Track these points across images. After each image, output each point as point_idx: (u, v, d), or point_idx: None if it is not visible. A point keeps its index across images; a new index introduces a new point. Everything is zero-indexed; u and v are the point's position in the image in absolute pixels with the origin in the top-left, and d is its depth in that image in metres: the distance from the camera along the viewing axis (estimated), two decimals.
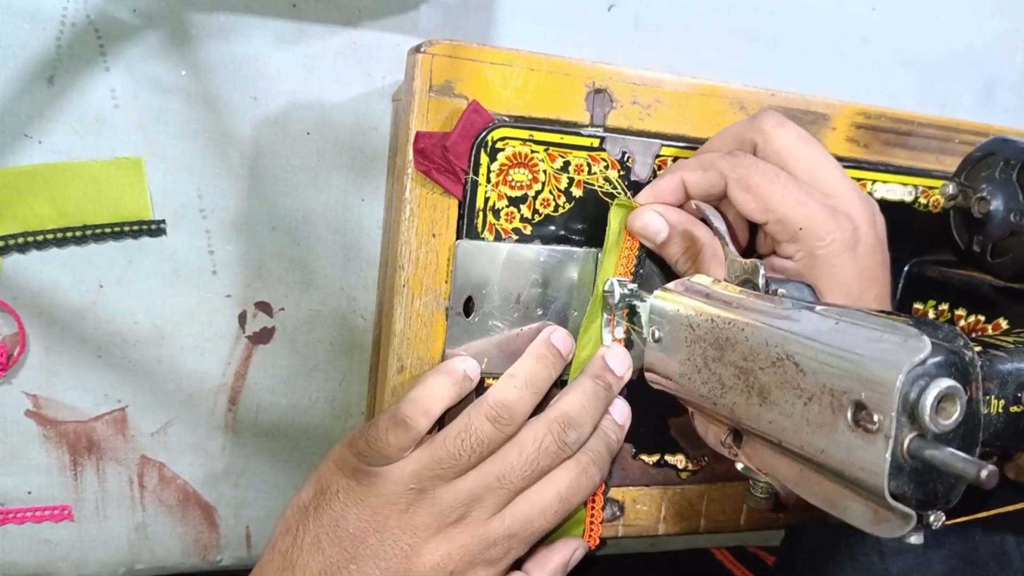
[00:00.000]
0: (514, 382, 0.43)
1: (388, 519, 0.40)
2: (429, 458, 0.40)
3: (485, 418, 0.41)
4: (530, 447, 0.41)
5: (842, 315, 0.34)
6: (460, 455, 0.40)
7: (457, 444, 0.40)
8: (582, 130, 0.45)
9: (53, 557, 0.48)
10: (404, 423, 0.40)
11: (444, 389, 0.42)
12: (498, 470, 0.41)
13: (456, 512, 0.40)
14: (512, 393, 0.42)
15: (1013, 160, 0.46)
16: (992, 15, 0.66)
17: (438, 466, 0.40)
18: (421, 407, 0.41)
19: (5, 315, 0.45)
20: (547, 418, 0.42)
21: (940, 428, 0.29)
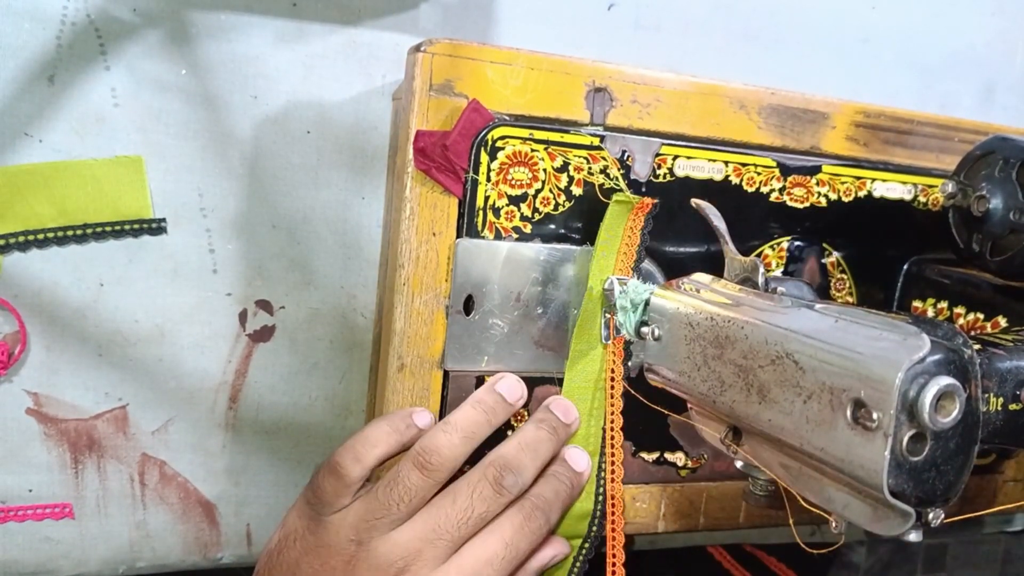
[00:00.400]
0: (445, 427, 0.42)
1: (335, 570, 0.39)
2: (365, 508, 0.40)
3: (412, 465, 0.40)
4: (463, 494, 0.40)
5: (841, 313, 0.34)
6: (390, 505, 0.39)
7: (387, 493, 0.40)
8: (582, 129, 0.45)
9: (54, 555, 0.49)
10: (335, 470, 0.40)
11: (383, 437, 0.41)
12: (432, 520, 0.40)
13: (395, 566, 0.39)
14: (441, 438, 0.41)
15: (1012, 159, 0.46)
16: (992, 14, 0.66)
17: (372, 516, 0.39)
18: (353, 453, 0.40)
19: (6, 313, 0.45)
20: (482, 464, 0.41)
21: (939, 426, 0.29)
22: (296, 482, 0.52)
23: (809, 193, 0.50)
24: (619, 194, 0.45)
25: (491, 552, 0.40)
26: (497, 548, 0.40)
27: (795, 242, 0.51)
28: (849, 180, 0.51)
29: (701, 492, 0.51)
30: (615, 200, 0.46)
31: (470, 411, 0.43)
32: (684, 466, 0.51)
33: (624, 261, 0.46)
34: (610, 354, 0.46)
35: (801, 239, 0.51)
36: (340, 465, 0.40)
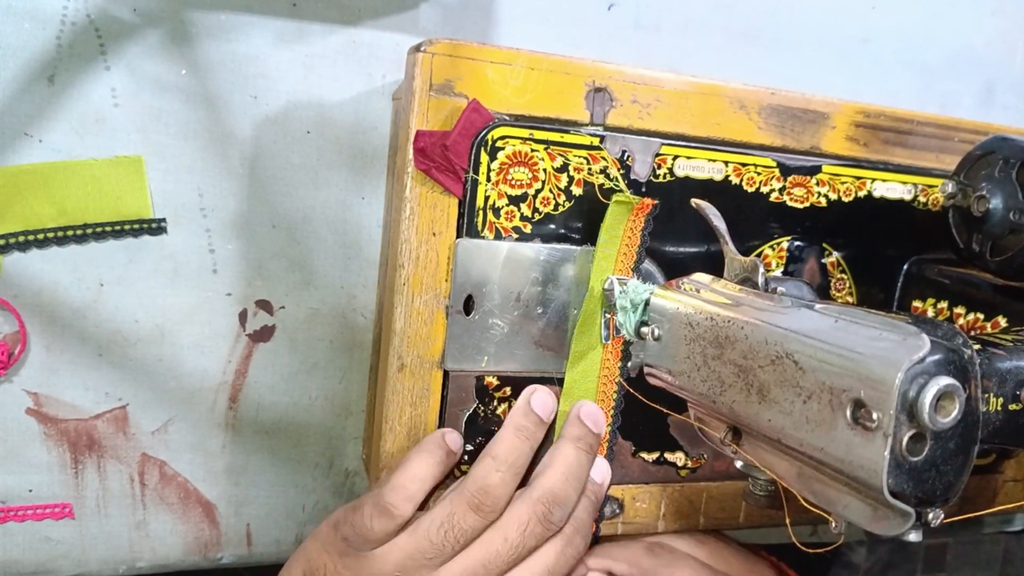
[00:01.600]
0: (495, 464, 0.41)
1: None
2: (414, 548, 0.40)
3: (468, 508, 0.40)
4: (514, 533, 0.41)
5: (841, 313, 0.34)
6: (444, 546, 0.40)
7: (440, 536, 0.40)
8: (582, 129, 0.45)
9: (54, 555, 0.49)
10: (388, 511, 0.40)
11: (427, 470, 0.42)
12: (483, 557, 0.40)
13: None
14: (494, 478, 0.41)
15: (1012, 159, 0.46)
16: (992, 14, 0.66)
17: (422, 556, 0.39)
18: (405, 493, 0.40)
19: (6, 313, 0.45)
20: (531, 499, 0.41)
21: (939, 426, 0.29)
22: (296, 482, 0.53)
23: (809, 193, 0.50)
24: (619, 195, 0.45)
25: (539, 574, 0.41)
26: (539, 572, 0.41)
27: (795, 242, 0.51)
28: (849, 180, 0.51)
29: (701, 492, 0.51)
30: (615, 200, 0.46)
31: (514, 441, 0.43)
32: (684, 466, 0.51)
33: (624, 261, 0.46)
34: (609, 354, 0.46)
35: (801, 239, 0.51)
36: (393, 506, 0.40)
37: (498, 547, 0.40)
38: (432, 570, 0.40)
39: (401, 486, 0.41)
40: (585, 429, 0.44)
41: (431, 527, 0.40)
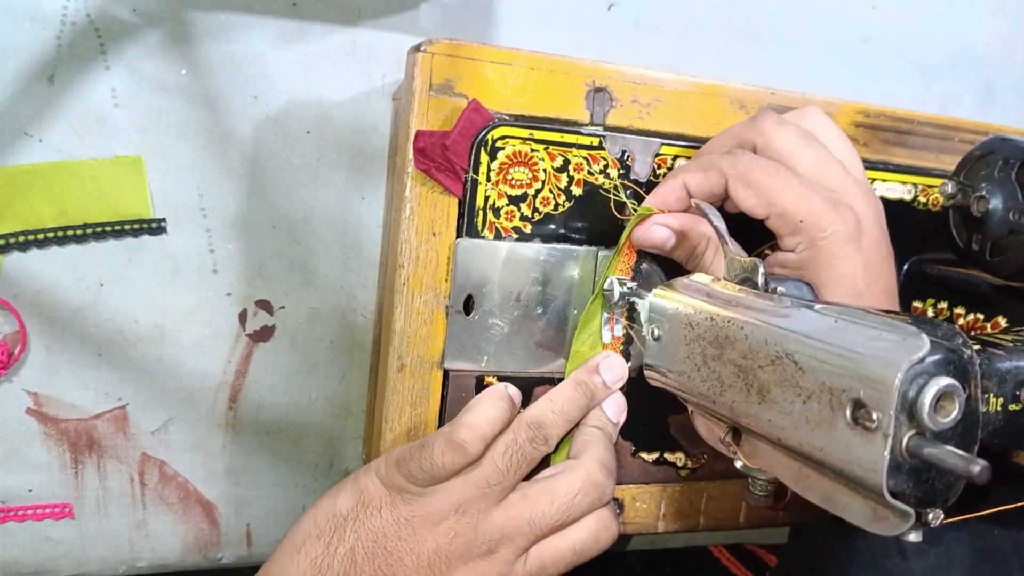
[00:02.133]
0: (552, 406, 0.43)
1: (426, 540, 0.40)
2: (479, 476, 0.41)
3: (526, 438, 0.42)
4: (563, 497, 0.42)
5: (841, 313, 0.34)
6: (508, 471, 0.41)
7: (506, 461, 0.41)
8: (582, 129, 0.45)
9: (54, 555, 0.49)
10: (462, 447, 0.40)
11: (497, 414, 0.42)
12: (529, 514, 0.41)
13: (487, 545, 0.41)
14: (549, 416, 0.43)
15: (1012, 159, 0.46)
16: (992, 15, 0.66)
17: (487, 484, 0.41)
18: (479, 432, 0.41)
19: (6, 313, 0.45)
20: (584, 468, 0.43)
21: (939, 426, 0.29)
22: (296, 482, 0.53)
23: None
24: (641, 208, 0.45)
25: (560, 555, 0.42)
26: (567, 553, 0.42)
27: None
28: None
29: (701, 492, 0.51)
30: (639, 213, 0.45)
31: (573, 392, 0.44)
32: (684, 466, 0.51)
33: (625, 262, 0.46)
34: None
35: None
36: (467, 443, 0.40)
37: (544, 508, 0.41)
38: (488, 509, 0.41)
39: (475, 424, 0.41)
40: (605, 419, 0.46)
41: (496, 453, 0.41)
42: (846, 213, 0.41)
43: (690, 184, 0.43)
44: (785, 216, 0.41)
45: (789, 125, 0.43)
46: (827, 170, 0.42)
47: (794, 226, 0.41)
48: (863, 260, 0.41)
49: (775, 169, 0.41)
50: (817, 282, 0.41)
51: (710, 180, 0.42)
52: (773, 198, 0.41)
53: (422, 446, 0.41)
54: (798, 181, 0.41)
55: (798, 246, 0.41)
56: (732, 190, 0.42)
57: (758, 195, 0.41)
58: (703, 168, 0.43)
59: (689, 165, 0.44)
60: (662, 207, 0.44)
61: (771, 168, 0.41)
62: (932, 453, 0.28)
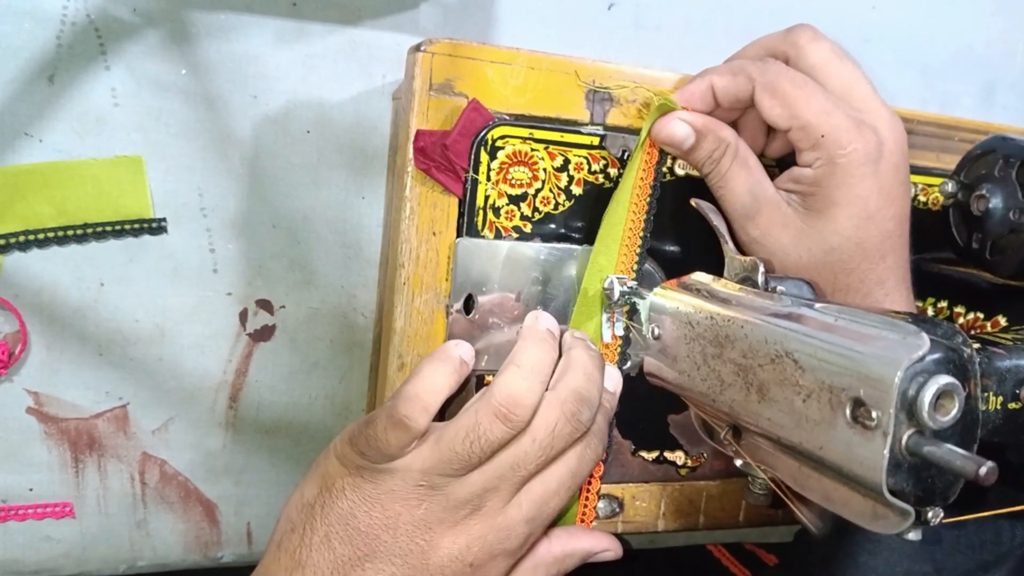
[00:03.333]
0: (521, 372, 0.40)
1: (400, 515, 0.38)
2: (437, 459, 0.38)
3: (495, 417, 0.38)
4: (543, 435, 0.39)
5: (841, 312, 0.34)
6: (471, 456, 0.38)
7: (466, 446, 0.38)
8: (582, 128, 0.45)
9: (55, 554, 0.49)
10: (403, 423, 0.38)
11: (442, 380, 0.40)
12: (511, 460, 0.39)
13: (470, 504, 0.39)
14: (521, 385, 0.39)
15: (1012, 158, 0.46)
16: (992, 14, 0.66)
17: (448, 467, 0.38)
18: (419, 404, 0.39)
19: (6, 313, 0.45)
20: (559, 399, 0.40)
21: (938, 425, 0.29)
22: (296, 481, 0.52)
23: None
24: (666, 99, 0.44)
25: (558, 482, 0.40)
26: (564, 476, 0.40)
27: None
28: None
29: (701, 491, 0.51)
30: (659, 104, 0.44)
31: (536, 349, 0.41)
32: (684, 465, 0.51)
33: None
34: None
35: None
36: (408, 418, 0.38)
37: (526, 448, 0.39)
38: (459, 478, 0.39)
39: (415, 396, 0.39)
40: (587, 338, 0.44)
41: (456, 437, 0.38)
42: (868, 133, 0.41)
43: (717, 85, 0.43)
44: (807, 129, 0.41)
45: (824, 40, 0.43)
46: (856, 89, 0.42)
47: (815, 140, 0.40)
48: (878, 183, 0.41)
49: (803, 81, 0.41)
50: (829, 200, 0.41)
51: (737, 84, 0.42)
52: (797, 110, 0.40)
53: (367, 422, 0.39)
54: (824, 96, 0.41)
55: (816, 161, 0.41)
56: (758, 98, 0.42)
57: (783, 105, 0.41)
58: (732, 72, 0.42)
59: (719, 68, 0.44)
60: (685, 105, 0.44)
61: (799, 80, 0.41)
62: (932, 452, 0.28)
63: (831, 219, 0.42)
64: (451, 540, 0.39)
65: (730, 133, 0.44)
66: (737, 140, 0.44)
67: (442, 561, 0.39)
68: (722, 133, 0.43)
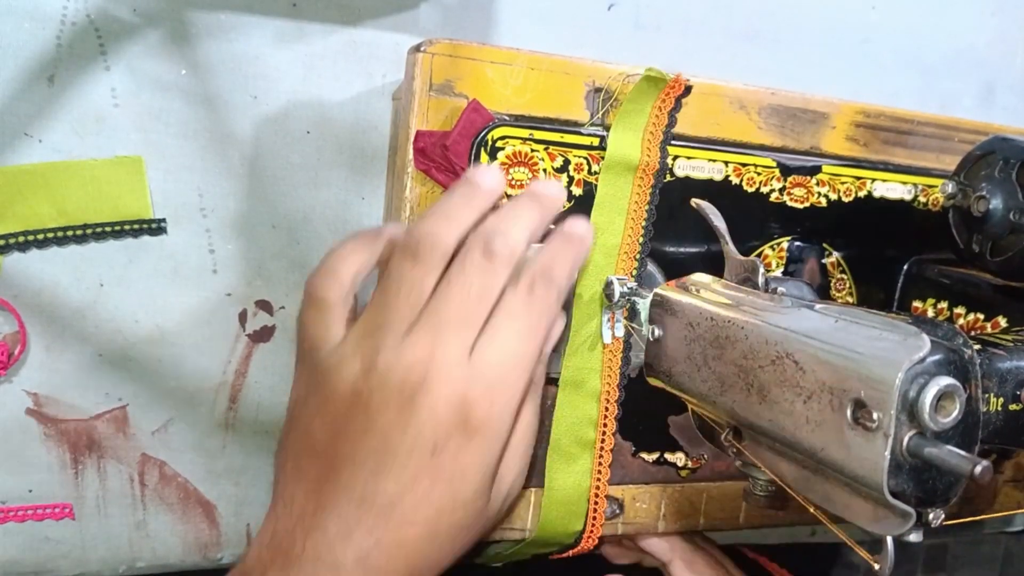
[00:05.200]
0: (429, 215, 0.37)
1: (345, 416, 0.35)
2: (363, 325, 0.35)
3: (402, 257, 0.35)
4: (455, 271, 0.35)
5: (841, 313, 0.34)
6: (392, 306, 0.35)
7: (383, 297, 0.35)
8: (582, 129, 0.45)
9: (54, 555, 0.49)
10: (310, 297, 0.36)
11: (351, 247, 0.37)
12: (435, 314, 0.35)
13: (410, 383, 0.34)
14: (425, 223, 0.36)
15: (1013, 159, 0.46)
16: (992, 14, 0.66)
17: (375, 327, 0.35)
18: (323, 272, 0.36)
19: (6, 314, 0.45)
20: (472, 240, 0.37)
21: (939, 426, 0.29)
22: None
23: (809, 193, 0.50)
24: (651, 68, 0.44)
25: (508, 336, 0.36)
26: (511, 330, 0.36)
27: (795, 242, 0.51)
28: (849, 180, 0.51)
29: (701, 492, 0.51)
30: (645, 76, 0.44)
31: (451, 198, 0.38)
32: (684, 466, 0.50)
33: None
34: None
35: (801, 239, 0.51)
36: (315, 288, 0.36)
37: (444, 293, 0.35)
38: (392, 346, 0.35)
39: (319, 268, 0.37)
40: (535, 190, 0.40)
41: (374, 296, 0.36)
42: None
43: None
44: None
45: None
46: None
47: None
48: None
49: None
50: None
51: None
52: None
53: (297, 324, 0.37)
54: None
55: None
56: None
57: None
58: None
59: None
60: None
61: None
62: (933, 453, 0.28)
63: None
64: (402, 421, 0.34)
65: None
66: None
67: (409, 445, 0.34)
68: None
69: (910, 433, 0.29)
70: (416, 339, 0.35)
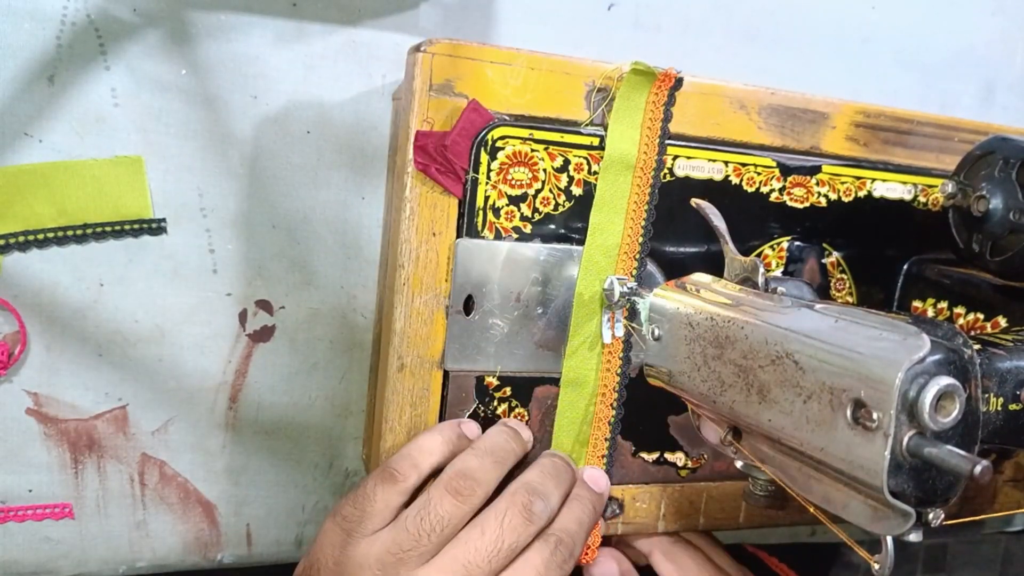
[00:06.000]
0: (475, 452, 0.41)
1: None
2: (392, 540, 0.38)
3: (445, 491, 0.38)
4: (492, 524, 0.38)
5: (841, 313, 0.34)
6: (420, 536, 0.37)
7: (417, 523, 0.37)
8: (582, 129, 0.45)
9: (54, 555, 0.49)
10: (392, 476, 0.38)
11: (436, 445, 0.41)
12: (462, 555, 0.37)
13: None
14: (473, 461, 0.40)
15: (1012, 159, 0.46)
16: (992, 14, 0.66)
17: (400, 548, 0.37)
18: (411, 460, 0.39)
19: (6, 313, 0.45)
20: (508, 492, 0.40)
21: (939, 426, 0.29)
22: (296, 482, 0.53)
23: (809, 193, 0.50)
24: (638, 63, 0.44)
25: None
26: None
27: (795, 242, 0.51)
28: (849, 180, 0.51)
29: (701, 492, 0.51)
30: (633, 70, 0.44)
31: (498, 436, 0.43)
32: (684, 466, 0.50)
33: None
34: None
35: (801, 239, 0.51)
36: (398, 471, 0.39)
37: (476, 543, 0.38)
38: (412, 569, 0.37)
39: (407, 455, 0.40)
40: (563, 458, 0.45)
41: (408, 515, 0.38)
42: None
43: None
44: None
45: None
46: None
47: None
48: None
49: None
50: None
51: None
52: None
53: (356, 486, 0.40)
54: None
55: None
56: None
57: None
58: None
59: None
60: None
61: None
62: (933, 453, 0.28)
63: None
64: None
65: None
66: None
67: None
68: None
69: (910, 433, 0.29)
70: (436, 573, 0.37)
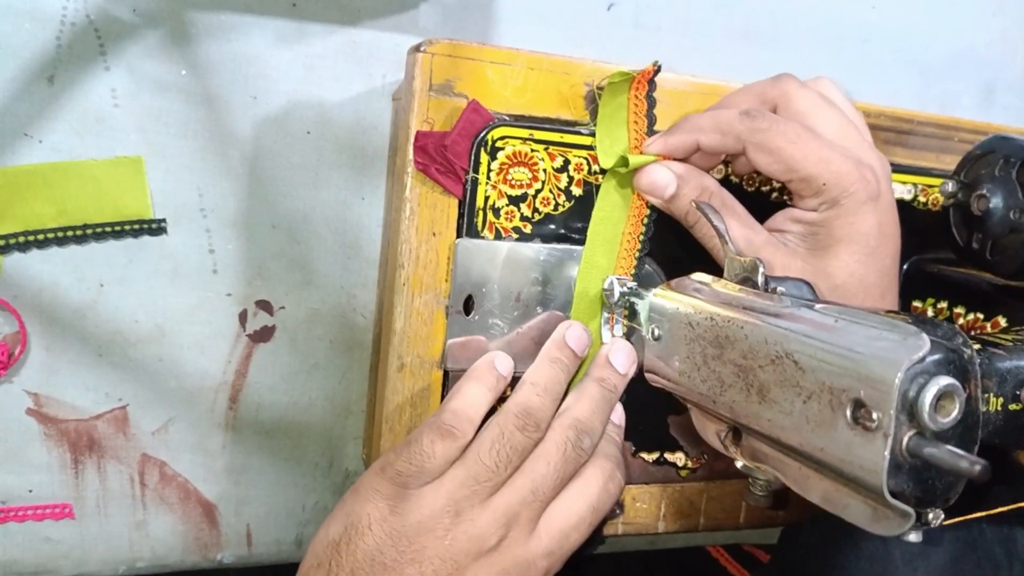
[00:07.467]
0: (535, 389, 0.43)
1: (426, 548, 0.38)
2: (465, 474, 0.39)
3: (515, 427, 0.41)
4: (555, 455, 0.41)
5: (841, 313, 0.34)
6: (498, 467, 0.40)
7: (494, 456, 0.40)
8: (582, 129, 0.45)
9: (54, 555, 0.49)
10: (451, 433, 0.40)
11: (482, 395, 0.42)
12: (530, 483, 0.40)
13: (495, 534, 0.39)
14: (535, 400, 0.42)
15: (1013, 158, 0.46)
16: (992, 15, 0.66)
17: (475, 482, 0.39)
18: (465, 415, 0.41)
19: (6, 314, 0.45)
20: (562, 425, 0.42)
21: (939, 426, 0.29)
22: (296, 482, 0.53)
23: None
24: (615, 73, 0.44)
25: (578, 516, 0.41)
26: (584, 513, 0.41)
27: None
28: None
29: (701, 492, 0.51)
30: (610, 81, 0.44)
31: (550, 369, 0.44)
32: (684, 466, 0.50)
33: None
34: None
35: None
36: (455, 427, 0.40)
37: (542, 470, 0.41)
38: (483, 500, 0.39)
39: (460, 409, 0.41)
40: (612, 372, 0.45)
41: (482, 449, 0.40)
42: (868, 173, 0.42)
43: (704, 143, 0.43)
44: (807, 180, 0.41)
45: (810, 88, 0.44)
46: (846, 133, 0.43)
47: (816, 188, 0.41)
48: (878, 220, 0.42)
49: (796, 135, 0.41)
50: (832, 238, 0.42)
51: (725, 143, 0.43)
52: (795, 164, 0.41)
53: (408, 443, 0.40)
54: (819, 144, 0.41)
55: (820, 206, 0.42)
56: (752, 156, 0.42)
57: (779, 161, 0.41)
58: (721, 131, 0.43)
59: (705, 123, 0.43)
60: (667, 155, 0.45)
61: (791, 134, 0.41)
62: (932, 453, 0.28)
63: (835, 256, 0.42)
64: (474, 573, 0.39)
65: (712, 182, 0.44)
66: (720, 189, 0.45)
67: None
68: (704, 182, 0.44)
69: (910, 433, 0.29)
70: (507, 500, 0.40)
